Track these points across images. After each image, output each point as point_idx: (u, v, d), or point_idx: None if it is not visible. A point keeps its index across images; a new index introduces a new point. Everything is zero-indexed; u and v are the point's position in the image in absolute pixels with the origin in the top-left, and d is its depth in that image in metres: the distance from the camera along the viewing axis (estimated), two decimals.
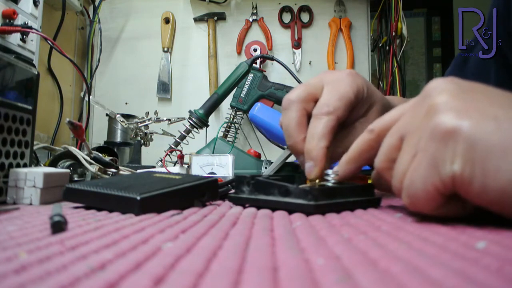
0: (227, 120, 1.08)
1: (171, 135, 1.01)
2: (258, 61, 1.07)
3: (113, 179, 0.41)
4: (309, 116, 0.41)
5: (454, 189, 0.23)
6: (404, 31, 1.23)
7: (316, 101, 0.41)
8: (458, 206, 0.25)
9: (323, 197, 0.30)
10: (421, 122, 0.25)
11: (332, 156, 0.40)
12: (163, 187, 0.32)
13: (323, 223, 0.25)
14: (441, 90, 0.25)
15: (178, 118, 1.01)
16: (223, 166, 0.72)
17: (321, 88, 0.41)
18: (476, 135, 0.22)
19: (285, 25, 1.26)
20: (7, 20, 0.46)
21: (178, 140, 0.97)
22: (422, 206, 0.25)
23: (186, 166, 0.73)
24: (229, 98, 1.05)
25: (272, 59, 1.04)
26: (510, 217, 0.22)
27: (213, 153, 0.94)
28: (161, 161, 0.89)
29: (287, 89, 1.06)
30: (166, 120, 0.99)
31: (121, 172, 0.54)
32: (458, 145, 0.22)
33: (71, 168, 0.52)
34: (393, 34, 1.24)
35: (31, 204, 0.37)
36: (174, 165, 0.74)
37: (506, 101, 0.23)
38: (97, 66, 1.23)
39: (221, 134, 1.06)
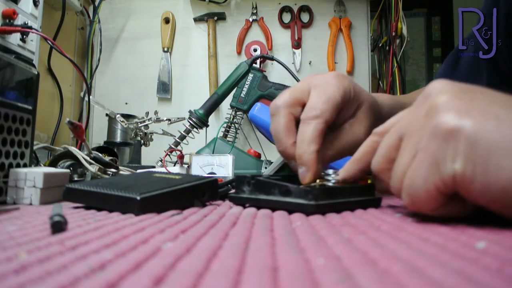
0: (227, 120, 1.08)
1: (171, 135, 1.01)
2: (258, 61, 1.07)
3: (113, 179, 0.41)
4: (297, 121, 0.40)
5: (455, 188, 0.23)
6: (404, 31, 1.23)
7: (303, 105, 0.41)
8: (459, 206, 0.25)
9: (323, 197, 0.30)
10: (421, 122, 0.25)
11: (323, 159, 0.40)
12: (163, 187, 0.32)
13: (323, 223, 0.25)
14: (441, 90, 0.25)
15: (178, 118, 1.01)
16: (223, 166, 0.72)
17: (307, 92, 0.41)
18: (477, 134, 0.22)
19: (285, 25, 1.26)
20: (7, 20, 0.46)
21: (178, 140, 0.97)
22: (422, 206, 0.25)
23: (186, 166, 0.73)
24: (229, 98, 1.05)
25: (272, 59, 1.04)
26: (510, 216, 0.22)
27: (213, 153, 0.94)
28: (161, 161, 0.89)
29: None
30: (166, 120, 0.99)
31: (121, 172, 0.54)
32: (459, 144, 0.22)
33: (71, 168, 0.52)
34: (393, 34, 1.24)
35: (31, 204, 0.37)
36: (174, 165, 0.74)
37: (506, 101, 0.23)
38: (97, 66, 1.23)
39: (221, 134, 1.06)
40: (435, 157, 0.23)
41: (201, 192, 0.35)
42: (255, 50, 1.24)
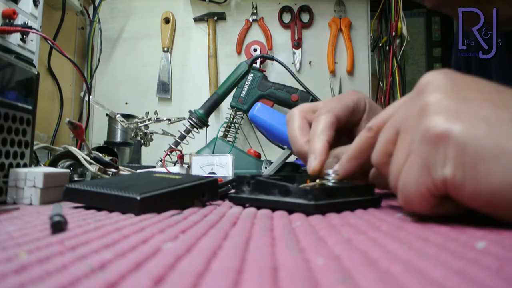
0: (227, 120, 1.08)
1: (171, 135, 1.01)
2: (258, 61, 1.07)
3: (113, 179, 0.41)
4: (310, 125, 0.43)
5: (446, 192, 0.23)
6: (404, 31, 1.23)
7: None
8: (452, 206, 0.25)
9: (323, 197, 0.30)
10: (415, 120, 0.25)
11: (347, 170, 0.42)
12: (163, 187, 0.32)
13: (323, 223, 0.25)
14: (435, 87, 0.25)
15: (178, 118, 1.01)
16: (223, 166, 0.72)
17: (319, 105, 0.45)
18: (467, 139, 0.21)
19: (285, 25, 1.26)
20: (7, 20, 0.45)
21: (178, 140, 0.97)
22: (416, 206, 0.25)
23: (186, 166, 0.73)
24: (229, 98, 1.05)
25: (272, 59, 1.04)
26: (502, 219, 0.22)
27: (213, 153, 0.94)
28: (161, 161, 0.89)
29: (287, 89, 1.06)
30: (166, 120, 0.99)
31: (121, 172, 0.54)
32: (449, 149, 0.22)
33: (71, 168, 0.52)
34: (393, 34, 1.24)
35: (31, 204, 0.37)
36: (174, 165, 0.74)
37: (500, 98, 0.23)
38: (97, 66, 1.23)
39: (221, 134, 1.06)
40: (425, 161, 0.23)
41: (201, 192, 0.35)
42: (255, 50, 1.24)
